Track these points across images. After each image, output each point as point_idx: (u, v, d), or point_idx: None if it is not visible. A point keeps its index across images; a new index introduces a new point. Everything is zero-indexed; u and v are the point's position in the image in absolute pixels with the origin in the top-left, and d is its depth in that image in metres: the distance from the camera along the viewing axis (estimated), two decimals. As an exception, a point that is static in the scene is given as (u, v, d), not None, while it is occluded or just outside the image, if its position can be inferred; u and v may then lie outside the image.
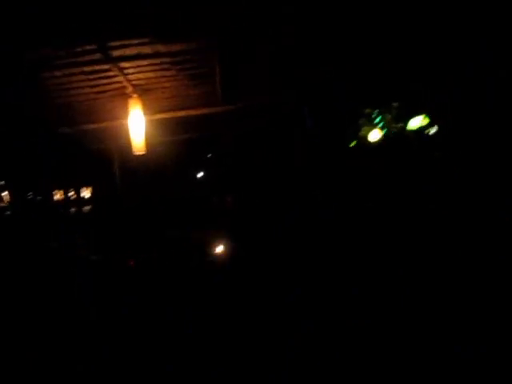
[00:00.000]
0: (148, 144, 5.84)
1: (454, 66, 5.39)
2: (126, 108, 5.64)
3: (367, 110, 8.25)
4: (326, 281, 5.48)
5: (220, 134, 7.80)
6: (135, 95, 5.59)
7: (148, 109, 5.95)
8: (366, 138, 8.41)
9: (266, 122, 7.46)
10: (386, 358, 3.94)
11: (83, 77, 5.07)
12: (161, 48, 4.68)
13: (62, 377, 3.93)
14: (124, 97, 5.64)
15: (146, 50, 4.68)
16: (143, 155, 5.85)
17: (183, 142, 7.75)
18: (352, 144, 8.87)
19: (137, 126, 5.60)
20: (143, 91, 5.63)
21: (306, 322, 4.67)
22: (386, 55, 5.50)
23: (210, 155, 10.11)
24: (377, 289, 5.12)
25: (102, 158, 8.06)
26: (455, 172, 5.86)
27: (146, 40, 4.47)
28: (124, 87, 5.44)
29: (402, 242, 5.90)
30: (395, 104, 7.84)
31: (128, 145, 5.85)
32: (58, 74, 4.91)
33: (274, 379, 3.84)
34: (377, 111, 8.20)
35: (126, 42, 4.48)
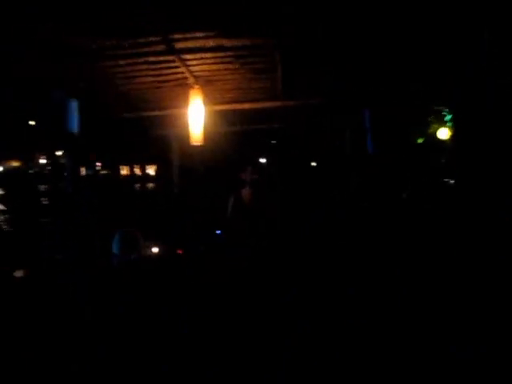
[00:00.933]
0: (206, 134, 5.85)
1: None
2: (187, 98, 5.65)
3: (437, 108, 8.02)
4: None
5: (278, 128, 7.73)
6: (197, 86, 5.58)
7: (209, 99, 5.94)
8: (434, 135, 8.24)
9: (324, 120, 7.34)
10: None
11: (146, 66, 5.10)
12: (224, 42, 4.63)
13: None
14: (185, 87, 5.65)
15: (210, 43, 4.63)
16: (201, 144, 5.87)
17: (241, 133, 7.75)
18: (419, 141, 8.69)
19: (196, 117, 5.61)
20: (205, 82, 5.61)
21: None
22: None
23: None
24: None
25: (163, 143, 8.20)
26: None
27: (210, 34, 4.43)
28: (186, 78, 5.45)
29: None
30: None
31: (187, 134, 5.88)
32: (121, 62, 4.97)
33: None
34: (447, 110, 7.97)
35: (190, 35, 4.46)
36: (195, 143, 5.70)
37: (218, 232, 6.50)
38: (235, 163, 8.25)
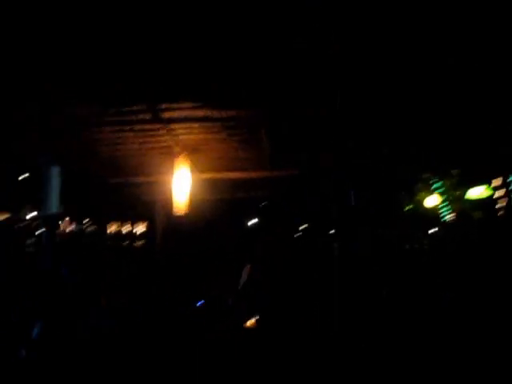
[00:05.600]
0: (191, 202, 5.73)
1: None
2: (173, 166, 5.56)
3: (425, 175, 8.03)
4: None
5: (264, 197, 7.68)
6: (182, 154, 5.51)
7: (195, 167, 5.86)
8: (421, 203, 8.21)
9: (309, 190, 7.30)
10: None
11: (132, 134, 5.05)
12: (211, 113, 4.59)
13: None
14: (171, 155, 5.57)
15: (197, 113, 4.61)
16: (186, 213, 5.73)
17: (228, 201, 7.67)
18: (407, 208, 8.68)
19: (181, 186, 5.50)
20: (191, 150, 5.54)
21: None
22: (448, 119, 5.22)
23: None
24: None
25: (149, 207, 8.07)
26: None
27: (197, 104, 4.41)
28: (172, 146, 5.39)
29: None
30: (455, 171, 7.62)
31: (172, 201, 5.75)
32: (107, 129, 4.91)
33: None
34: (436, 177, 7.99)
35: (177, 106, 4.43)
36: (178, 213, 5.56)
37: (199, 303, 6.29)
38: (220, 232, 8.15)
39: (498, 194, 7.15)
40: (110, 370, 4.88)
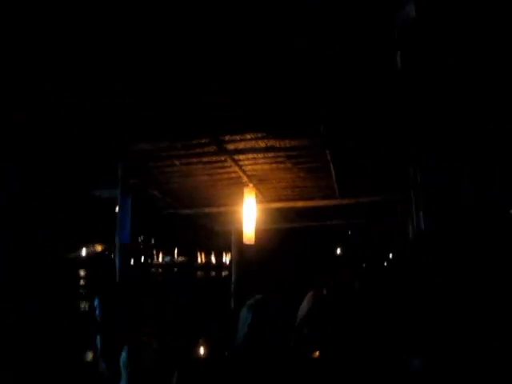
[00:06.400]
0: (262, 232, 5.80)
1: None
2: (242, 196, 5.67)
3: None
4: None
5: (334, 226, 7.56)
6: (251, 184, 5.61)
7: (263, 197, 5.93)
8: None
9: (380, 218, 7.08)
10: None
11: (200, 166, 5.23)
12: (274, 143, 4.66)
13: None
14: (240, 185, 5.69)
15: (260, 144, 4.69)
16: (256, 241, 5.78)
17: (297, 230, 7.67)
18: None
19: (249, 216, 5.58)
20: (258, 181, 5.65)
21: None
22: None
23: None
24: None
25: (226, 237, 8.24)
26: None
27: (259, 135, 4.49)
28: (239, 177, 5.50)
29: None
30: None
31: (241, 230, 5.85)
32: (176, 162, 5.13)
33: None
34: None
35: (240, 137, 4.54)
36: (247, 243, 5.65)
37: None
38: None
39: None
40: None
